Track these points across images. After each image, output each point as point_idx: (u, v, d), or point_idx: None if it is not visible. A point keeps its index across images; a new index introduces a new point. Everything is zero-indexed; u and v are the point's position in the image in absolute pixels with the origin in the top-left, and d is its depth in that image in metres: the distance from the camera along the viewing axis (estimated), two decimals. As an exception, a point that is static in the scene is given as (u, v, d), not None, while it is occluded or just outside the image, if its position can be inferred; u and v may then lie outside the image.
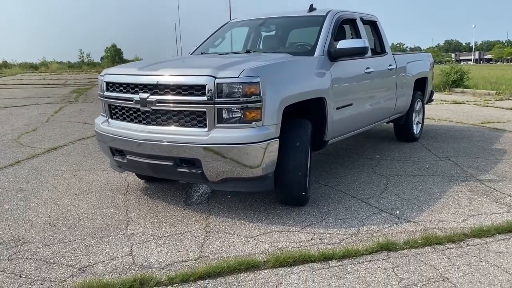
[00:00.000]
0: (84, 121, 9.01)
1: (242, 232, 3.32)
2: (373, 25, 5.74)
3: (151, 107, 3.43)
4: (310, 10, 4.96)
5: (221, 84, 3.19)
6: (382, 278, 2.62)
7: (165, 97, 3.37)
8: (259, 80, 3.23)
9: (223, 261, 2.84)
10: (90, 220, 3.60)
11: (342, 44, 4.22)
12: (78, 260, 2.90)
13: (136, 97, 3.50)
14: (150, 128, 3.49)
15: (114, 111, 3.87)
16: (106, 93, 3.88)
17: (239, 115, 3.23)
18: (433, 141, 6.69)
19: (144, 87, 3.48)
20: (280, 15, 5.28)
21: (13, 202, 4.05)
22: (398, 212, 3.70)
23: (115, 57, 58.86)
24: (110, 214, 3.73)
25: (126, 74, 3.71)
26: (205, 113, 3.26)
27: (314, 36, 4.36)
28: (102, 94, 3.94)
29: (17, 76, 29.52)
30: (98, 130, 4.00)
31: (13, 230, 3.40)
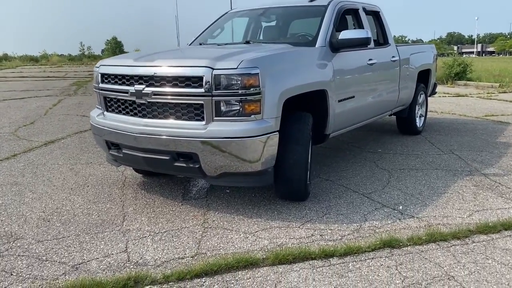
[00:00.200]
0: (82, 114, 8.90)
1: (241, 228, 3.23)
2: (376, 15, 5.61)
3: (147, 100, 3.33)
4: (311, -1, 4.84)
5: (219, 75, 3.09)
6: (385, 277, 2.53)
7: (161, 89, 3.27)
8: (259, 71, 3.12)
9: (221, 258, 2.75)
10: (85, 215, 3.52)
11: (344, 34, 4.10)
12: (72, 257, 2.82)
13: (131, 89, 3.40)
14: (146, 121, 3.39)
15: (110, 104, 3.76)
16: (101, 85, 3.77)
17: (238, 108, 3.12)
18: (436, 134, 6.58)
19: (139, 79, 3.38)
20: (280, 5, 5.14)
21: (7, 197, 3.96)
22: (401, 207, 3.60)
23: (116, 49, 58.70)
24: (106, 209, 3.64)
25: (122, 65, 3.60)
26: (202, 105, 3.16)
27: (316, 26, 4.24)
28: (97, 86, 3.84)
29: (17, 68, 29.40)
30: (93, 123, 3.90)
31: (6, 226, 3.32)
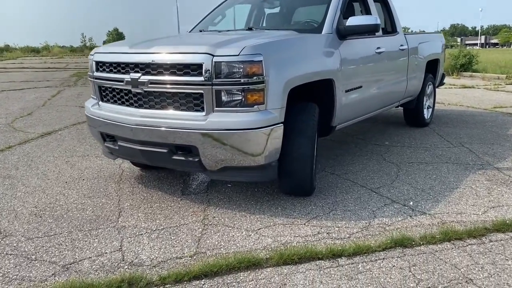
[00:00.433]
0: (81, 105, 8.70)
1: (243, 225, 3.05)
2: (383, 2, 5.38)
3: (143, 89, 3.14)
4: (317, -16, 4.61)
5: (219, 63, 2.89)
6: (398, 279, 2.35)
7: (158, 77, 3.07)
8: (262, 58, 2.92)
9: (222, 258, 2.57)
10: (79, 210, 3.34)
11: (352, 20, 3.89)
12: (63, 256, 2.65)
13: (127, 77, 3.20)
14: (143, 111, 3.20)
15: (105, 93, 3.57)
16: (95, 73, 3.58)
17: (240, 98, 2.93)
18: (444, 126, 6.37)
19: (135, 67, 3.18)
20: (284, -9, 4.92)
21: (-1, 191, 3.79)
22: (411, 203, 3.41)
23: (117, 41, 58.23)
24: (101, 204, 3.47)
25: (117, 52, 3.41)
26: (202, 95, 2.96)
27: (322, 12, 4.02)
28: (91, 74, 3.64)
29: (18, 59, 29.20)
30: (88, 114, 3.72)
31: (-5, 222, 3.15)
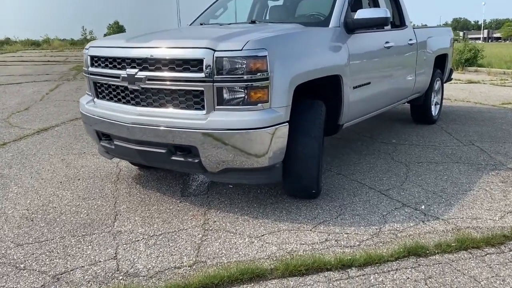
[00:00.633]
0: (80, 100, 8.52)
1: (246, 230, 2.88)
2: (392, -6, 5.16)
3: (140, 85, 2.95)
4: (324, -24, 4.39)
5: (221, 58, 2.70)
6: (413, 294, 2.18)
7: (156, 73, 2.88)
8: (267, 53, 2.73)
9: (223, 268, 2.40)
10: (73, 213, 3.17)
11: (360, 13, 3.69)
12: (54, 264, 2.48)
13: (123, 73, 3.02)
14: (140, 109, 3.02)
15: (100, 90, 3.39)
16: (90, 68, 3.40)
17: (243, 96, 2.74)
18: (452, 123, 6.18)
19: (132, 62, 2.99)
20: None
21: (-10, 191, 3.62)
22: (423, 207, 3.24)
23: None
24: (97, 206, 3.30)
25: (112, 46, 3.22)
26: (202, 92, 2.78)
27: (329, 4, 3.82)
28: (86, 70, 3.46)
29: (17, 53, 28.92)
30: (82, 111, 3.54)
31: (-16, 226, 2.98)
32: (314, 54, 3.28)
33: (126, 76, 2.99)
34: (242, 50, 2.70)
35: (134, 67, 2.97)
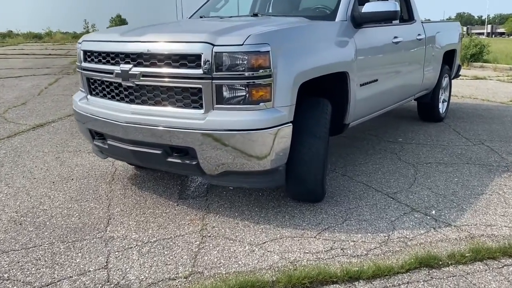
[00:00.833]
0: (73, 96, 8.34)
1: (246, 237, 2.71)
2: (400, -13, 4.96)
3: (135, 82, 2.78)
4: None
5: (220, 53, 2.52)
6: (426, 311, 2.01)
7: (151, 69, 2.70)
8: (269, 49, 2.55)
9: (221, 280, 2.24)
10: (64, 217, 3.01)
11: (368, 7, 3.49)
12: (40, 274, 2.32)
13: (116, 69, 2.84)
14: (134, 107, 2.84)
15: (93, 86, 3.22)
16: (83, 64, 3.22)
17: (244, 94, 2.56)
18: (460, 121, 5.99)
19: (126, 57, 2.81)
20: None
21: (-21, 192, 3.46)
22: (434, 212, 3.06)
23: (120, 27, 57.52)
24: (89, 209, 3.13)
25: (106, 40, 3.04)
26: (200, 90, 2.60)
27: (335, -3, 3.62)
28: (79, 65, 3.28)
29: (18, 45, 28.71)
30: (75, 109, 3.37)
31: (-31, 230, 2.82)
32: (320, 49, 3.09)
33: (120, 72, 2.81)
34: (243, 45, 2.52)
35: (128, 63, 2.79)
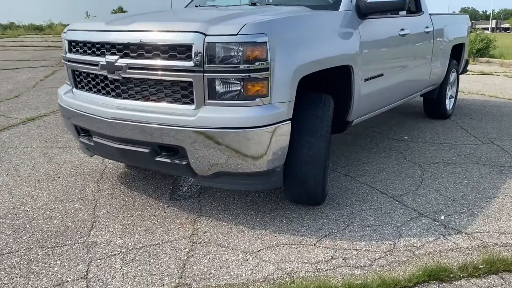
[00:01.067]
0: (58, 90, 8.12)
1: (239, 244, 2.50)
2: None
3: (121, 75, 2.56)
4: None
5: (213, 44, 2.30)
6: (438, 333, 1.81)
7: (138, 61, 2.49)
8: (267, 39, 2.32)
9: (210, 294, 2.04)
10: (46, 219, 2.81)
11: (374, -4, 3.26)
12: (12, 285, 2.12)
13: (102, 60, 2.63)
14: (120, 102, 2.63)
15: (79, 79, 3.01)
16: (68, 54, 3.01)
17: (238, 89, 2.34)
18: (467, 118, 5.75)
19: (112, 48, 2.60)
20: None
21: (-42, 190, 3.26)
22: (443, 217, 2.85)
23: (121, 19, 57.17)
24: (74, 210, 2.93)
25: (91, 30, 2.82)
26: (191, 84, 2.38)
27: (339, -15, 3.39)
28: (64, 56, 3.07)
29: (19, 37, 28.47)
30: (60, 103, 3.15)
31: None
32: (321, 41, 2.86)
33: (105, 63, 2.60)
34: (237, 35, 2.30)
35: (114, 54, 2.58)
